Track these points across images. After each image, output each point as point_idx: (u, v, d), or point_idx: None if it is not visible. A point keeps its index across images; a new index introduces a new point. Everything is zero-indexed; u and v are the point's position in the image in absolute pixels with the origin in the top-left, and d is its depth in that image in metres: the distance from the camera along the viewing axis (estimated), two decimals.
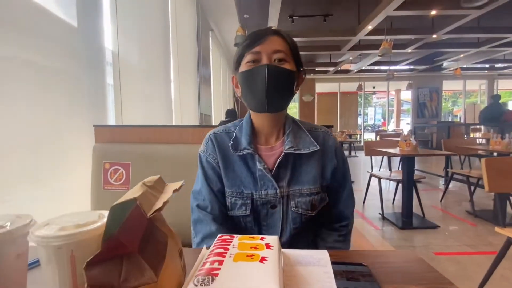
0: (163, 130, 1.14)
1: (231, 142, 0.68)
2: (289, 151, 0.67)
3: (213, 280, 0.31)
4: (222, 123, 3.40)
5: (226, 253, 0.38)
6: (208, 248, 0.43)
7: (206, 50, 4.33)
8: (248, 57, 0.64)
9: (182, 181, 0.42)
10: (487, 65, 8.88)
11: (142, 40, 2.07)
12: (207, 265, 0.35)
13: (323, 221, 0.76)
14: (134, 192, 0.31)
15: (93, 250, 0.33)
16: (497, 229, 1.44)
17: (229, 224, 0.71)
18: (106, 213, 0.38)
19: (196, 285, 0.31)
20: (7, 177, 0.90)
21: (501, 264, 1.52)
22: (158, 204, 0.32)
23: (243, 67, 0.66)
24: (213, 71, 5.01)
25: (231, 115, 3.78)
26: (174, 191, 0.37)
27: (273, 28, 0.68)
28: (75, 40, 1.22)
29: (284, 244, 0.69)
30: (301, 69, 0.69)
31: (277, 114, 0.69)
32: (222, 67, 6.27)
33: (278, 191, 0.67)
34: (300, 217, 0.68)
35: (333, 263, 0.44)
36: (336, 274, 0.43)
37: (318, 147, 0.68)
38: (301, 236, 0.71)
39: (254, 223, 0.69)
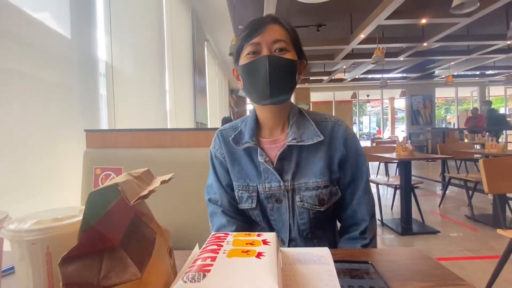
0: (156, 134, 1.11)
1: (233, 137, 0.68)
2: (292, 143, 0.64)
3: (204, 276, 0.28)
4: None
5: (219, 249, 0.35)
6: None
7: (201, 60, 4.35)
8: (248, 49, 0.62)
9: (172, 173, 0.39)
10: (477, 72, 9.08)
11: (136, 50, 2.07)
12: (199, 262, 0.32)
13: (341, 226, 0.72)
14: (117, 179, 0.29)
15: (71, 245, 0.30)
16: (499, 231, 1.42)
17: (241, 216, 0.71)
18: None
19: (185, 282, 0.27)
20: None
21: (506, 268, 1.49)
22: (143, 192, 0.29)
23: (243, 59, 0.64)
24: (209, 81, 5.02)
25: (226, 121, 3.79)
26: (162, 182, 0.34)
27: (271, 14, 0.66)
28: (69, 51, 1.21)
29: (294, 241, 0.67)
30: (302, 57, 0.68)
31: (281, 106, 0.67)
32: (218, 77, 6.30)
33: (281, 184, 0.64)
34: (307, 212, 0.65)
35: (336, 261, 0.41)
36: (339, 272, 0.40)
37: (322, 138, 0.64)
38: (314, 234, 0.67)
39: (263, 217, 0.68)
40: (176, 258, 0.39)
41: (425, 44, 5.49)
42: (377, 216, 2.85)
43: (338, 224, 0.75)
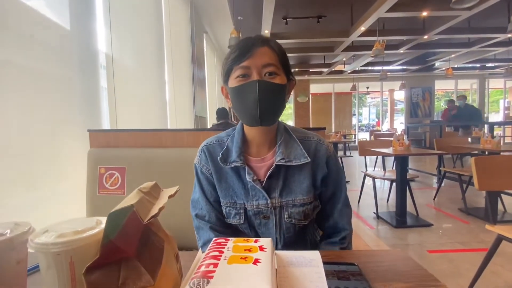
0: (157, 134, 1.15)
1: (220, 155, 0.68)
2: (280, 163, 0.67)
3: (208, 282, 0.33)
4: (214, 126, 3.38)
5: (221, 256, 0.39)
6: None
7: (200, 52, 4.33)
8: (238, 72, 0.63)
9: (177, 186, 0.43)
10: (478, 65, 9.05)
11: (136, 42, 2.08)
12: (203, 268, 0.36)
13: (321, 231, 0.77)
14: (131, 198, 0.33)
15: (91, 255, 0.34)
16: (487, 226, 1.48)
17: (228, 229, 0.73)
18: (102, 219, 0.39)
19: (192, 287, 0.32)
20: (2, 181, 0.89)
21: (493, 261, 1.55)
22: (154, 210, 0.33)
23: (233, 82, 0.64)
24: (208, 73, 5.01)
25: (222, 114, 3.47)
26: (170, 196, 0.38)
27: (261, 36, 0.66)
28: (68, 43, 1.22)
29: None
30: (291, 77, 0.69)
31: (270, 126, 0.69)
32: (217, 69, 6.27)
33: (269, 201, 0.68)
34: (294, 227, 0.70)
35: (325, 263, 0.46)
36: (328, 274, 0.44)
37: (309, 160, 0.68)
38: (297, 243, 0.73)
39: (250, 230, 0.72)
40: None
41: (425, 36, 5.45)
42: (373, 209, 2.93)
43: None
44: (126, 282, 0.30)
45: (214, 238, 0.47)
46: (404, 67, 8.91)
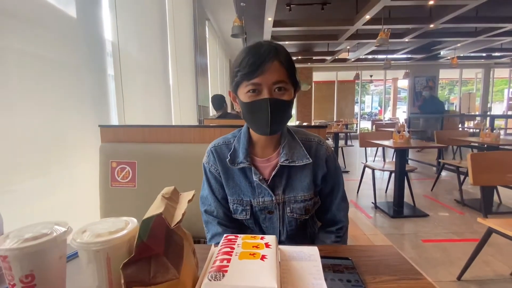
0: (165, 130, 1.20)
1: (228, 157, 0.74)
2: (284, 163, 0.73)
3: (223, 275, 0.39)
4: (215, 118, 3.39)
5: (232, 252, 0.46)
6: (216, 245, 0.50)
7: (202, 40, 4.30)
8: (248, 87, 0.66)
9: (193, 191, 0.48)
10: (484, 54, 8.90)
11: (140, 29, 2.08)
12: (217, 263, 0.42)
13: (320, 223, 0.84)
14: (158, 206, 0.38)
15: (123, 252, 0.41)
16: (479, 219, 1.55)
17: (235, 224, 0.80)
18: (130, 220, 0.45)
19: (210, 280, 0.38)
20: (21, 171, 0.95)
21: (485, 251, 1.64)
22: (178, 215, 0.39)
23: (243, 96, 0.68)
24: (210, 61, 4.98)
25: (218, 103, 3.33)
26: (189, 201, 0.44)
27: (271, 45, 0.67)
28: (76, 31, 1.24)
29: (282, 243, 0.78)
30: (297, 86, 0.72)
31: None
32: (219, 56, 6.22)
33: (273, 198, 0.74)
34: (295, 220, 0.77)
35: (322, 257, 0.52)
36: (325, 267, 0.51)
37: (311, 161, 0.74)
38: (298, 236, 0.80)
39: (255, 225, 0.79)
40: None
41: (432, 25, 5.35)
42: (371, 199, 3.01)
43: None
44: (156, 275, 0.37)
45: (225, 235, 0.53)
46: (409, 55, 8.78)
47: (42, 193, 1.04)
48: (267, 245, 0.48)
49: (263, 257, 0.44)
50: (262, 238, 0.51)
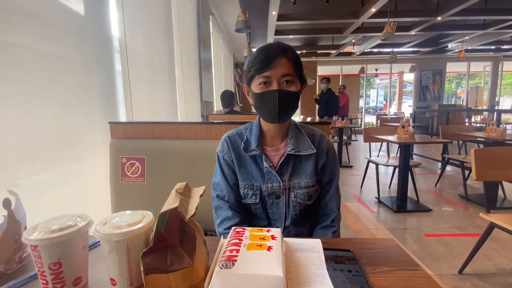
0: (172, 127, 1.23)
1: (243, 145, 0.83)
2: (291, 153, 0.81)
3: (233, 264, 0.42)
4: (221, 113, 3.42)
5: (240, 243, 0.49)
6: (225, 237, 0.54)
7: (206, 34, 4.30)
8: (260, 79, 0.76)
9: (204, 186, 0.52)
10: (492, 47, 8.72)
11: (146, 26, 2.10)
12: (227, 253, 0.45)
13: (316, 215, 0.90)
14: (174, 200, 0.42)
15: (141, 242, 0.44)
16: (481, 214, 1.56)
17: (243, 210, 0.86)
18: (146, 213, 0.49)
19: (221, 268, 0.41)
20: (37, 164, 0.99)
21: (487, 245, 1.66)
22: (191, 209, 0.42)
23: (256, 87, 0.78)
24: (214, 56, 4.99)
25: (228, 100, 3.33)
26: (200, 196, 0.47)
27: (280, 44, 0.77)
28: (84, 28, 1.26)
29: (288, 228, 0.85)
30: (304, 81, 0.81)
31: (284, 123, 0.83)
32: (223, 51, 6.21)
33: (281, 184, 0.82)
34: (299, 205, 0.84)
35: (325, 249, 0.55)
36: (327, 258, 0.54)
37: (315, 151, 0.83)
38: (301, 221, 0.87)
39: (263, 210, 0.85)
40: None
41: (439, 18, 5.26)
42: (375, 193, 3.03)
43: None
44: (173, 263, 0.40)
45: (233, 228, 0.56)
46: (415, 49, 8.64)
47: (55, 186, 1.09)
48: (273, 237, 0.51)
49: (269, 248, 0.47)
50: (268, 231, 0.54)
